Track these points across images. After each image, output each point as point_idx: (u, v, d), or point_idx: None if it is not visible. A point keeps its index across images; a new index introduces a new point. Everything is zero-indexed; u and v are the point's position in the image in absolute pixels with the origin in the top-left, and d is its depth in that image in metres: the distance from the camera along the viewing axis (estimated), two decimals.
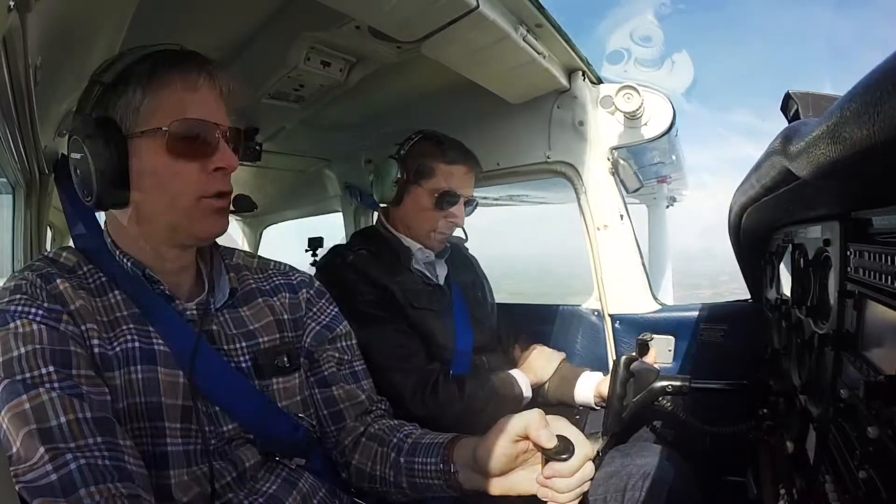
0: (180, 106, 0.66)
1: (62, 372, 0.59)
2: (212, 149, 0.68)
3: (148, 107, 0.66)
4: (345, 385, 0.84)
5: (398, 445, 0.78)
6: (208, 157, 0.68)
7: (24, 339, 0.59)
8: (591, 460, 0.65)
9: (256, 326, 0.78)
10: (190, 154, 0.67)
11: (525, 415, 0.66)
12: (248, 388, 0.73)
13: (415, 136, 1.27)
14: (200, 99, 0.68)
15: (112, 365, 0.64)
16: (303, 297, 0.85)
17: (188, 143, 0.66)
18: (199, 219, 0.69)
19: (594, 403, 1.24)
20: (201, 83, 0.68)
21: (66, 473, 0.54)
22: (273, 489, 0.72)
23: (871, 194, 0.59)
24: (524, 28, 1.10)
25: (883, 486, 0.49)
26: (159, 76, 0.66)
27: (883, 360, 0.54)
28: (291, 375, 0.79)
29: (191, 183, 0.67)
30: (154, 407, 0.65)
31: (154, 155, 0.66)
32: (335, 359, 0.85)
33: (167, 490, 0.64)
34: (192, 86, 0.67)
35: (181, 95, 0.67)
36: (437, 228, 1.24)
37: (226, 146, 0.69)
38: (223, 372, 0.72)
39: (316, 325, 0.85)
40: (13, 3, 0.56)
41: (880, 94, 0.33)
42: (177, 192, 0.67)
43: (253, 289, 0.82)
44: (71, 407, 0.57)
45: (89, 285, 0.69)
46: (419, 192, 1.23)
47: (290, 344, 0.81)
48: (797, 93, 0.75)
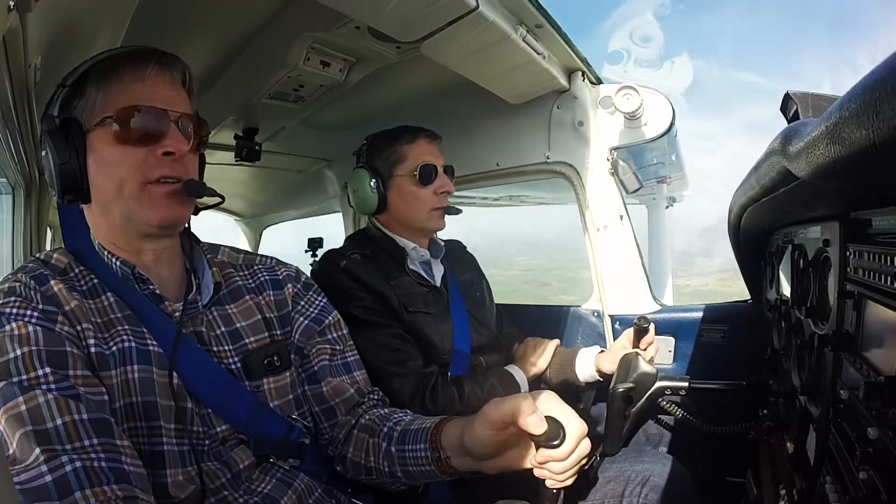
0: (129, 96, 0.68)
1: (58, 373, 0.59)
2: (160, 134, 0.68)
3: (100, 101, 0.68)
4: (336, 379, 0.84)
5: (388, 434, 0.77)
6: (157, 143, 0.68)
7: (20, 341, 0.59)
8: (590, 463, 0.64)
9: (244, 325, 0.78)
10: (136, 140, 0.67)
11: (512, 400, 0.61)
12: (239, 389, 0.73)
13: (365, 141, 1.30)
14: (150, 87, 0.69)
15: (108, 364, 0.64)
16: (289, 293, 0.85)
17: (134, 129, 0.67)
18: (146, 205, 0.69)
19: (597, 377, 1.24)
20: (151, 72, 0.69)
21: (62, 475, 0.54)
22: (268, 489, 0.72)
23: (870, 195, 0.59)
24: (524, 28, 1.10)
25: (883, 487, 0.49)
26: (112, 71, 0.68)
27: (883, 360, 0.54)
28: (282, 374, 0.79)
29: (136, 169, 0.68)
30: (150, 407, 0.65)
31: (104, 145, 0.68)
32: (326, 351, 0.85)
33: (163, 489, 0.64)
34: (140, 75, 0.68)
35: (130, 86, 0.68)
36: (432, 205, 1.24)
37: (176, 131, 0.69)
38: (212, 374, 0.72)
39: (304, 319, 0.85)
40: (13, 2, 0.56)
41: (880, 94, 0.33)
42: (123, 179, 0.68)
43: (240, 286, 0.81)
44: (67, 408, 0.57)
45: (81, 287, 0.69)
46: (400, 181, 1.23)
47: (279, 342, 0.80)
48: (797, 93, 0.75)
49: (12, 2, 0.55)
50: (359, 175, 1.25)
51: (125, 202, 0.68)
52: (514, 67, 1.22)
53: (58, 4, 0.73)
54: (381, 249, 1.25)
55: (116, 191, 0.68)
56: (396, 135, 1.25)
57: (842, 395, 0.61)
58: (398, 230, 1.27)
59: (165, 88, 0.70)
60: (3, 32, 0.59)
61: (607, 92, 1.41)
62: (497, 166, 1.64)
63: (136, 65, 0.69)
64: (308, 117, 1.64)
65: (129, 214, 0.69)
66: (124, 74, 0.68)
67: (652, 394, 1.01)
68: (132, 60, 0.69)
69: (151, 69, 0.69)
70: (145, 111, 0.67)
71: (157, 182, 0.68)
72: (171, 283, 0.75)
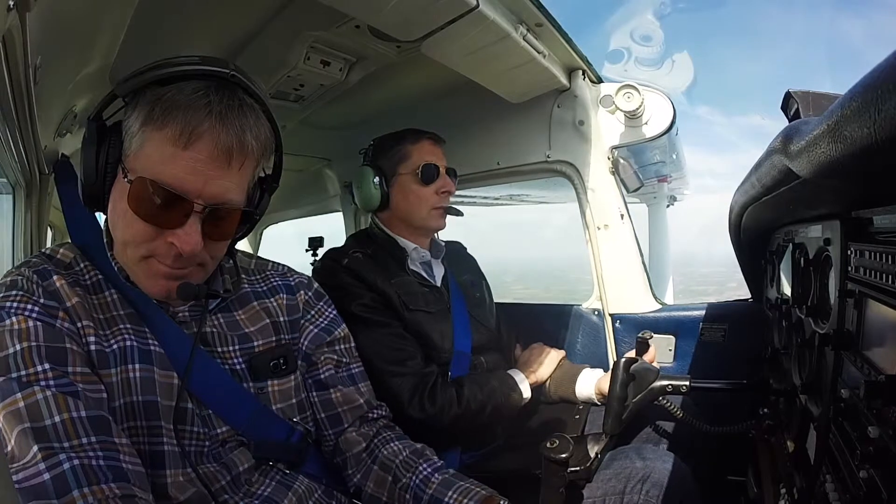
0: (160, 160, 0.59)
1: (57, 369, 0.58)
2: (174, 222, 0.61)
3: (136, 142, 0.61)
4: (342, 388, 0.84)
5: (416, 494, 0.75)
6: (167, 228, 0.62)
7: (20, 336, 0.59)
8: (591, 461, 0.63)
9: (251, 330, 0.77)
10: (146, 217, 0.61)
11: None
12: (241, 391, 0.73)
13: (372, 142, 1.32)
14: (188, 157, 0.59)
15: (108, 362, 0.64)
16: (301, 299, 0.85)
17: (145, 206, 0.60)
18: (143, 276, 0.66)
19: (596, 400, 1.24)
20: (203, 132, 0.58)
21: (60, 473, 0.54)
22: (268, 492, 0.72)
23: (871, 193, 0.58)
24: (524, 27, 1.09)
25: (883, 486, 0.49)
26: (158, 106, 0.59)
27: (883, 359, 0.54)
28: (287, 377, 0.78)
29: (143, 242, 0.63)
30: (150, 406, 0.65)
31: (120, 196, 0.63)
32: (333, 361, 0.84)
33: (163, 489, 0.64)
34: (186, 137, 0.58)
35: (166, 149, 0.59)
36: (433, 204, 1.25)
37: (195, 226, 0.61)
38: (216, 375, 0.71)
39: (314, 327, 0.85)
40: (13, 2, 0.56)
41: (881, 92, 0.33)
42: (127, 242, 0.64)
43: (248, 291, 0.81)
44: (65, 405, 0.57)
45: (85, 282, 0.68)
46: (403, 179, 1.25)
47: (286, 346, 0.80)
48: (798, 92, 0.75)
49: (12, 1, 0.55)
50: (363, 172, 1.27)
51: (125, 259, 0.67)
52: (514, 66, 1.22)
53: (57, 4, 0.73)
54: (383, 249, 1.25)
55: (121, 245, 0.66)
56: (402, 136, 1.28)
57: (842, 393, 0.61)
58: (400, 230, 1.28)
59: (204, 160, 0.59)
60: (2, 32, 0.59)
61: (608, 91, 1.41)
62: (497, 165, 1.63)
63: (189, 115, 0.58)
64: (308, 117, 1.64)
65: (128, 268, 0.68)
66: (168, 126, 0.58)
67: (653, 390, 1.01)
68: (189, 107, 0.58)
69: (206, 128, 0.58)
70: (163, 192, 0.59)
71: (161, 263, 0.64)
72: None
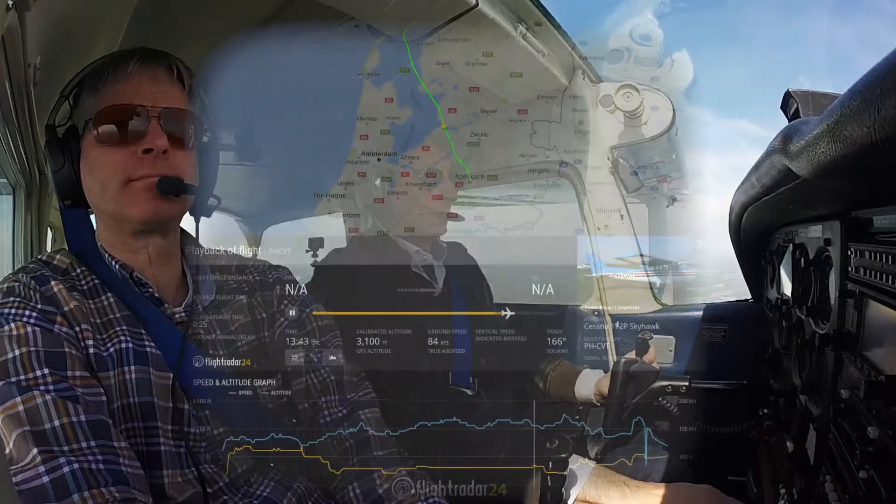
0: (112, 96, 0.67)
1: (56, 374, 0.59)
2: (139, 132, 0.67)
3: (90, 106, 0.68)
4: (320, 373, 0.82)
5: None
6: (137, 141, 0.67)
7: (19, 342, 0.59)
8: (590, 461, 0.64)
9: (237, 327, 0.78)
10: (115, 140, 0.67)
11: None
12: (236, 390, 0.73)
13: None
14: (132, 85, 0.68)
15: (106, 365, 0.64)
16: (276, 294, 0.85)
17: (111, 129, 0.67)
18: (127, 203, 0.68)
19: (595, 401, 1.24)
20: (133, 69, 0.68)
21: (59, 477, 0.54)
22: (267, 493, 0.71)
23: (872, 193, 0.58)
24: (524, 26, 1.10)
25: (883, 487, 0.49)
26: (99, 74, 0.68)
27: (883, 359, 0.54)
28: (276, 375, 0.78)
29: (117, 169, 0.67)
30: (147, 407, 0.65)
31: (91, 148, 0.68)
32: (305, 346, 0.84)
33: (161, 490, 0.64)
34: (123, 75, 0.68)
35: (114, 87, 0.68)
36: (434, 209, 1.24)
37: (157, 127, 0.67)
38: (211, 375, 0.72)
39: (284, 319, 0.84)
40: (12, 2, 0.56)
41: (881, 91, 0.33)
42: (105, 179, 0.68)
43: (234, 289, 0.81)
44: (65, 410, 0.57)
45: (82, 287, 0.69)
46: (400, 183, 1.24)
47: (268, 344, 0.80)
48: (797, 91, 0.75)
49: (11, 1, 0.55)
50: None
51: (108, 202, 0.68)
52: (513, 66, 1.22)
53: (57, 4, 0.73)
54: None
55: (100, 192, 0.68)
56: None
57: (842, 394, 0.61)
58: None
59: (148, 84, 0.69)
60: (1, 32, 0.59)
61: (607, 91, 1.41)
62: (497, 165, 1.63)
63: (119, 64, 0.68)
64: None
65: (114, 213, 0.69)
66: (109, 76, 0.68)
67: (652, 391, 1.01)
68: (116, 61, 0.69)
69: (133, 67, 0.68)
70: (121, 109, 0.67)
71: (139, 179, 0.68)
72: (168, 284, 0.75)
